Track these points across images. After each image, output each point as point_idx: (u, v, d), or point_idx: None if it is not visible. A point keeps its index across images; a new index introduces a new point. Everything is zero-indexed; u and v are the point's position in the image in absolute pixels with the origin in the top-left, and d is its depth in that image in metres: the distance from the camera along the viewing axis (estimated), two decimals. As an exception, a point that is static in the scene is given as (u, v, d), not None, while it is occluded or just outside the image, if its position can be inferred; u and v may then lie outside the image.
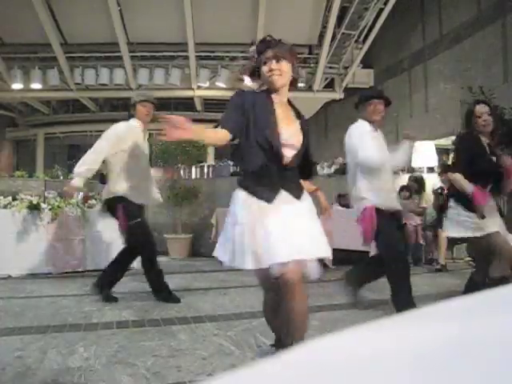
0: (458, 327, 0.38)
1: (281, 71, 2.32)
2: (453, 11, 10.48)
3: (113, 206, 4.16)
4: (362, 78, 12.78)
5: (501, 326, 0.36)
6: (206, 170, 9.67)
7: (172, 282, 5.48)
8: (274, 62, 2.31)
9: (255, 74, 2.44)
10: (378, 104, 3.70)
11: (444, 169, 7.04)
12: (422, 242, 6.76)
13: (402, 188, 6.92)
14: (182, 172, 8.97)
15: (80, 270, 6.11)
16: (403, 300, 3.45)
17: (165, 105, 14.17)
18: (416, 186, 7.00)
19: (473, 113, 3.68)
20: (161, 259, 7.52)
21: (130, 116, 4.29)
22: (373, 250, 4.39)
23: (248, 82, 2.50)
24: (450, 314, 0.42)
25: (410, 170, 7.78)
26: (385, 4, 10.86)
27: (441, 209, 6.57)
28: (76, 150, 14.36)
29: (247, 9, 10.84)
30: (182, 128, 1.94)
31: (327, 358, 0.36)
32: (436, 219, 6.76)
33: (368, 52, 12.16)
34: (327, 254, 2.23)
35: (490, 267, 3.52)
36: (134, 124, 4.24)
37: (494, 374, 0.31)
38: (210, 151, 13.15)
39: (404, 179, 7.31)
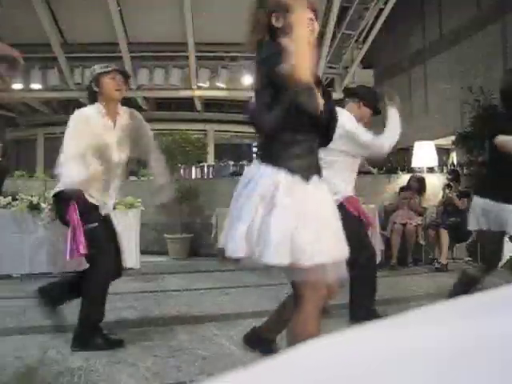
0: (458, 327, 0.38)
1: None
2: (453, 11, 10.48)
3: None
4: (362, 78, 12.74)
5: (501, 326, 0.36)
6: (206, 169, 9.65)
7: (172, 282, 5.49)
8: (312, 20, 1.60)
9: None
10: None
11: (453, 173, 7.04)
12: (422, 242, 6.75)
13: (403, 188, 6.92)
14: (181, 172, 8.95)
15: (80, 269, 6.09)
16: None
17: (165, 105, 14.19)
18: (417, 186, 6.99)
19: None
20: (161, 259, 7.59)
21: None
22: None
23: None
24: (450, 314, 0.42)
25: (410, 170, 7.77)
26: (385, 4, 10.84)
27: (444, 206, 6.62)
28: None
29: (247, 9, 10.82)
30: None
31: (328, 358, 0.36)
32: (438, 218, 6.76)
33: (368, 52, 12.14)
34: None
35: None
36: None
37: (495, 374, 0.31)
38: (210, 151, 13.13)
39: (405, 179, 7.31)
